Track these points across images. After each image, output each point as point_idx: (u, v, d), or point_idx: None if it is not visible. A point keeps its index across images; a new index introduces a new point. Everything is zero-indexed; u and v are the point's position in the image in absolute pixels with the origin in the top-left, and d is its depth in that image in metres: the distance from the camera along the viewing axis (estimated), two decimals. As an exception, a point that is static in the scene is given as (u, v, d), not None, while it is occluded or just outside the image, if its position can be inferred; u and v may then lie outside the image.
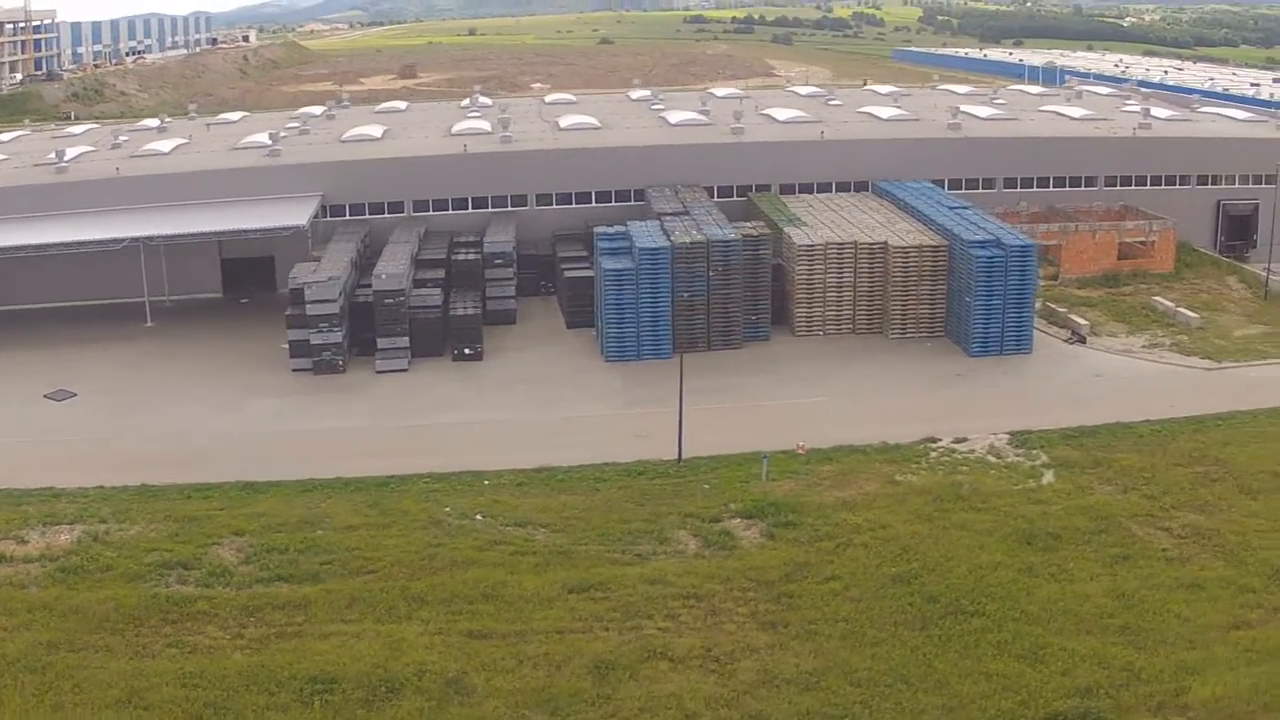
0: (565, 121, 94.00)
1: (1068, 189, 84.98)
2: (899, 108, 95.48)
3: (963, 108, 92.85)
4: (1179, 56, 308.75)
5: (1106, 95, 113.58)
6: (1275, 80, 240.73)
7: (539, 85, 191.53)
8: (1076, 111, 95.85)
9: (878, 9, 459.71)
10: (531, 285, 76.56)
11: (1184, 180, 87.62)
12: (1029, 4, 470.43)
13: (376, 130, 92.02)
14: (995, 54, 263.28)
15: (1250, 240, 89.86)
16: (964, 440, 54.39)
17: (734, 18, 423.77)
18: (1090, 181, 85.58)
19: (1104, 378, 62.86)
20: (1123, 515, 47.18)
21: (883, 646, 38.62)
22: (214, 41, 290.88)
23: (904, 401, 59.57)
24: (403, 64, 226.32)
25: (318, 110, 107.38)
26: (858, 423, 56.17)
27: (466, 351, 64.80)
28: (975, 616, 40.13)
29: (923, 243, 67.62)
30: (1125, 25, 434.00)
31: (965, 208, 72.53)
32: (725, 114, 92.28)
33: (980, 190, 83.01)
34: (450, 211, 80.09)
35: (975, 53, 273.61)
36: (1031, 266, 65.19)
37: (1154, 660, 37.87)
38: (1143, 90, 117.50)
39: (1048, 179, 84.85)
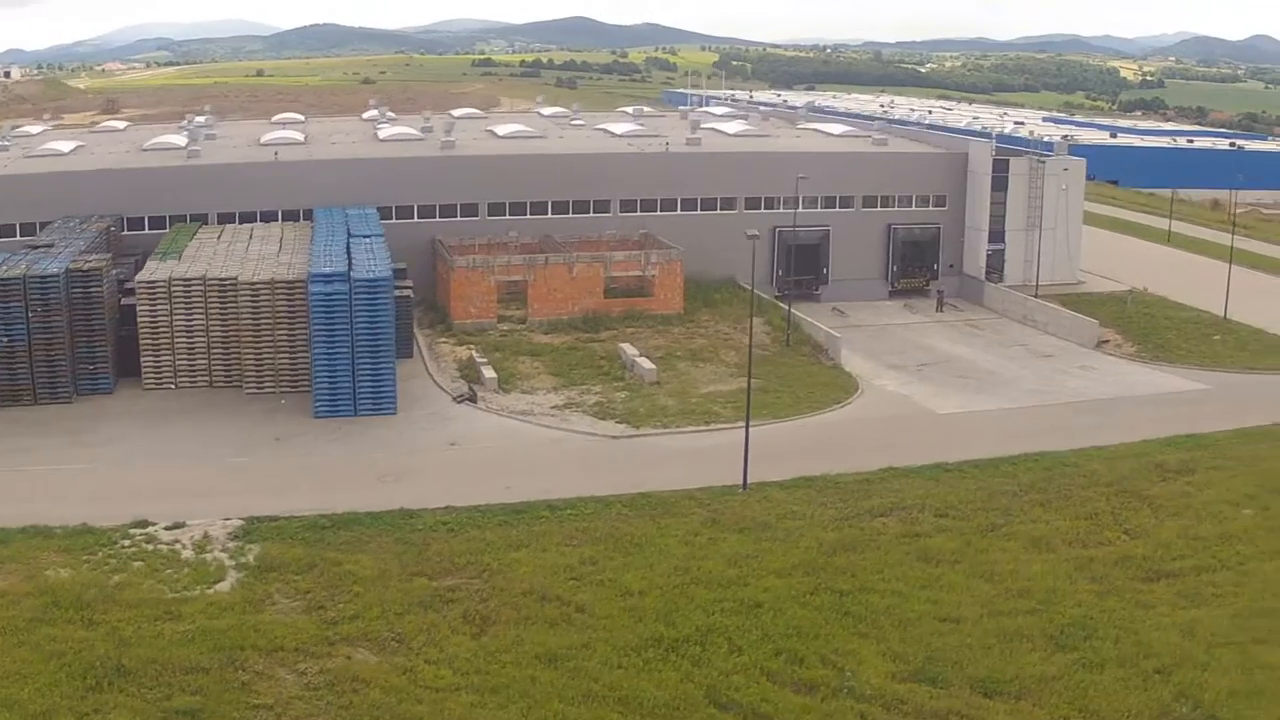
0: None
1: (572, 215, 72.50)
2: (423, 129, 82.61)
3: (488, 127, 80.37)
4: (973, 101, 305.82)
5: (720, 115, 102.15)
6: (1045, 119, 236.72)
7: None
8: (621, 128, 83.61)
9: (673, 54, 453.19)
10: None
11: (728, 204, 75.85)
12: (827, 50, 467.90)
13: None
14: (764, 95, 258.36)
15: (820, 275, 78.58)
16: (180, 525, 41.04)
17: (522, 61, 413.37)
18: (602, 206, 73.40)
19: (458, 447, 49.80)
20: (260, 647, 33.62)
21: None
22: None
23: (172, 474, 46.05)
24: (106, 99, 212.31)
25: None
26: (92, 499, 42.79)
27: None
28: None
29: (274, 277, 54.29)
30: (924, 71, 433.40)
31: (368, 236, 59.23)
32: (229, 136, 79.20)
33: (461, 218, 70.46)
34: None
35: (743, 94, 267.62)
36: (385, 305, 51.96)
37: None
38: (761, 110, 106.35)
39: (545, 204, 72.30)
